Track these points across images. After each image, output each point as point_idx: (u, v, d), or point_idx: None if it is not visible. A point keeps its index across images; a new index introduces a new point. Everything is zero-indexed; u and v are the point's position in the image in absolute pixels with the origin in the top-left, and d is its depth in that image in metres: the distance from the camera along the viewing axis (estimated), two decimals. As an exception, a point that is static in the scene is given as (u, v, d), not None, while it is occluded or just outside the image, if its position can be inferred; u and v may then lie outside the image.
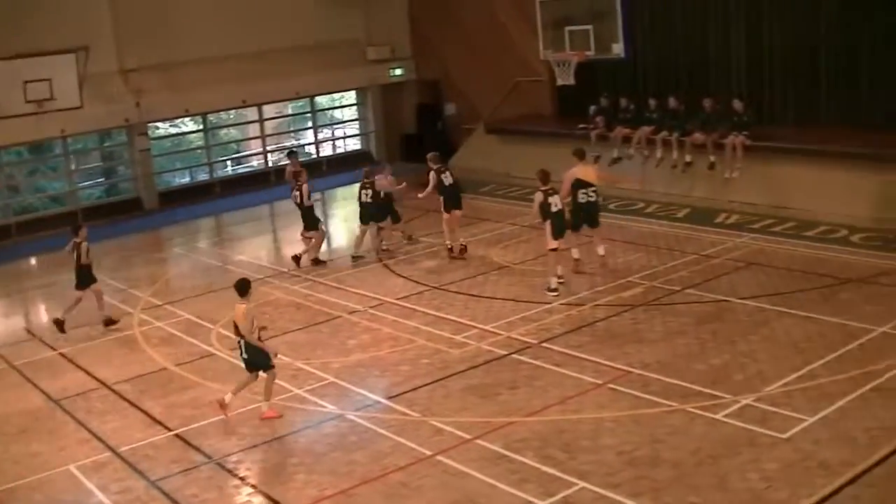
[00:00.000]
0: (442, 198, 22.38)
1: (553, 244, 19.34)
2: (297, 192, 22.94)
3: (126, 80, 32.16)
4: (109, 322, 20.18)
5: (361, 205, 23.23)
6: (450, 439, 13.33)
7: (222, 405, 14.79)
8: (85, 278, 20.12)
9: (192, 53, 32.73)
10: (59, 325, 19.98)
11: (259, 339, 14.77)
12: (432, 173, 22.36)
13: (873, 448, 11.95)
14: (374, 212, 23.18)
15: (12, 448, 14.83)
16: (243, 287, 14.71)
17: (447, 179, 22.34)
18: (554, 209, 19.18)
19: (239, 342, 14.78)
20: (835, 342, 15.45)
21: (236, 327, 14.74)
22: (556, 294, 19.12)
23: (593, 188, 20.30)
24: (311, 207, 23.11)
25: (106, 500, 12.78)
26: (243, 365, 15.01)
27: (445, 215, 22.46)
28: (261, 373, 14.88)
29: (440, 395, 14.90)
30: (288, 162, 25.73)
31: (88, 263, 20.11)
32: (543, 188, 19.23)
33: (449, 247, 22.54)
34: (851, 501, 10.84)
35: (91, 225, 30.18)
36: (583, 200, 20.28)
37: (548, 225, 19.22)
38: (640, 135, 26.98)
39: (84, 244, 20.02)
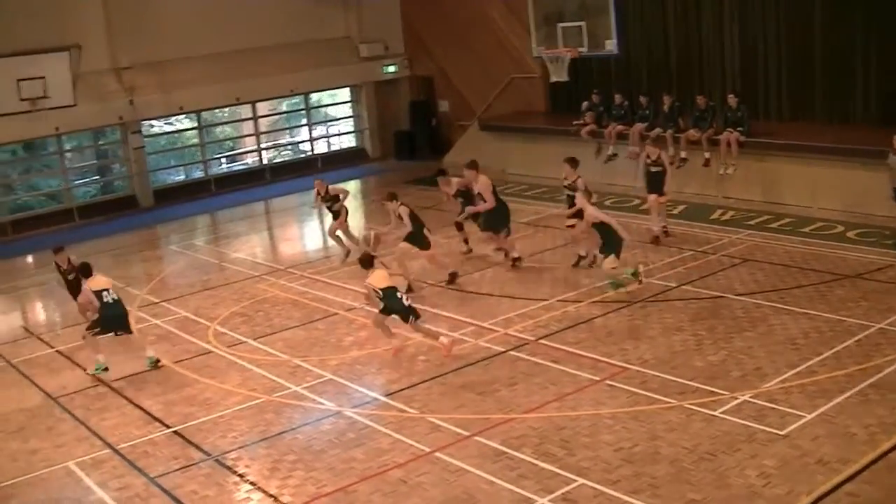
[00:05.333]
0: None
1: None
2: None
3: (119, 78, 32.21)
4: None
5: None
6: (448, 436, 13.33)
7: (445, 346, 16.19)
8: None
9: (186, 51, 32.79)
10: None
11: None
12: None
13: (872, 445, 11.96)
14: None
15: (11, 445, 14.85)
16: None
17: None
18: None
19: None
20: (832, 339, 15.48)
21: None
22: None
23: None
24: None
25: (105, 497, 12.78)
26: None
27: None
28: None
29: (438, 392, 14.91)
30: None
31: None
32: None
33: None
34: (849, 499, 10.84)
35: (86, 223, 30.56)
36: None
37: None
38: (635, 132, 27.01)
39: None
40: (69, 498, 13.03)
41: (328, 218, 23.88)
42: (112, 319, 17.17)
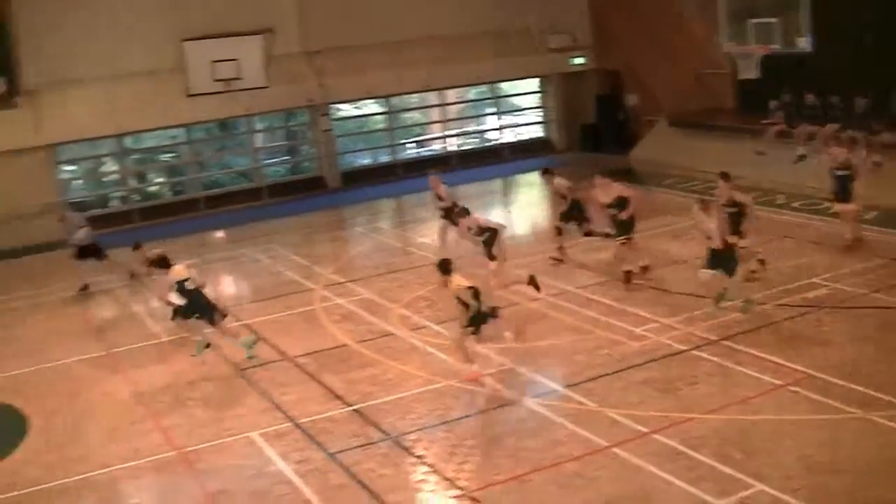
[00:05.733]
0: None
1: None
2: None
3: (310, 62, 32.87)
4: None
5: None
6: (626, 432, 13.25)
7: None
8: None
9: (376, 36, 33.28)
10: None
11: None
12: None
13: None
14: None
15: (198, 412, 15.45)
16: None
17: None
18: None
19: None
20: None
21: None
22: None
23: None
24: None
25: (285, 469, 13.16)
26: None
27: None
28: None
29: (618, 386, 14.82)
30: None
31: None
32: None
33: None
34: None
35: (275, 201, 31.37)
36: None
37: None
38: (826, 133, 26.32)
39: None
40: (251, 466, 13.44)
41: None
42: (194, 304, 17.51)
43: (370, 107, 37.47)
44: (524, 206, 30.70)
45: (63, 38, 29.73)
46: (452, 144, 38.31)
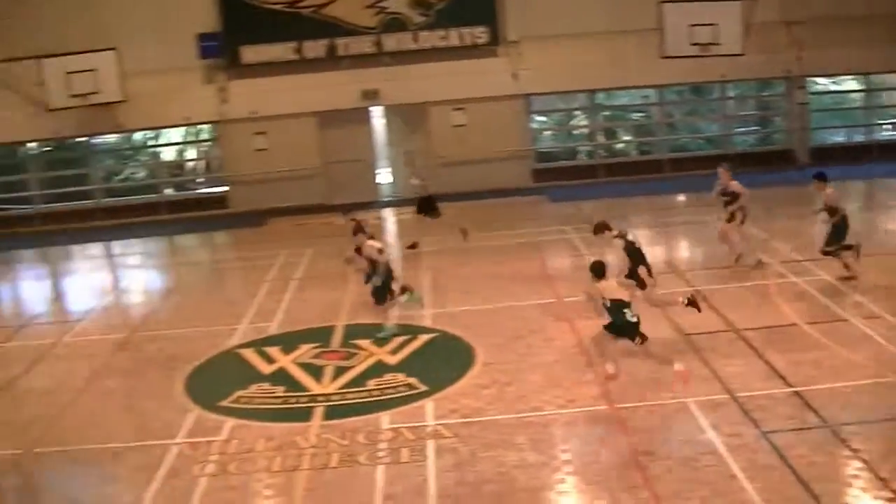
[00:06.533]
0: None
1: None
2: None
3: (789, 32, 32.15)
4: None
5: None
6: None
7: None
8: None
9: (859, 9, 32.27)
10: None
11: None
12: None
13: None
14: None
15: (638, 371, 15.52)
16: None
17: None
18: None
19: None
20: None
21: None
22: None
23: None
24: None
25: (715, 440, 13.08)
26: None
27: None
28: None
29: None
30: None
31: None
32: None
33: None
34: None
35: (741, 172, 31.15)
36: None
37: None
38: None
39: None
40: (681, 432, 13.54)
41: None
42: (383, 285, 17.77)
43: (848, 83, 36.23)
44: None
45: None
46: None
